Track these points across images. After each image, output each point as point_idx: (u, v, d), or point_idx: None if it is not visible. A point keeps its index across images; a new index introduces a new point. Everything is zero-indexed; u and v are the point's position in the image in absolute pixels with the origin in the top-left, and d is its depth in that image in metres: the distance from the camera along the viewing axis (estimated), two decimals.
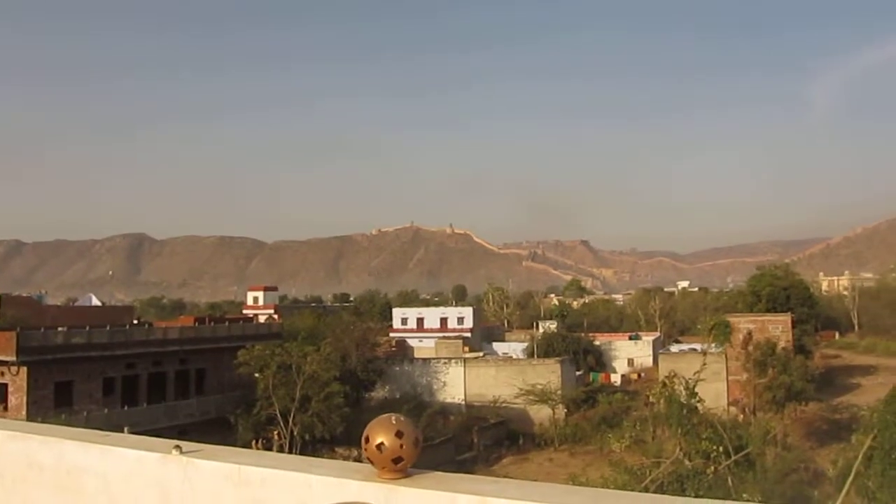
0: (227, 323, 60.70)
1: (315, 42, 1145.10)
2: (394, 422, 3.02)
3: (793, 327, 65.51)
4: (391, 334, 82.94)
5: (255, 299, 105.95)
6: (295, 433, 43.90)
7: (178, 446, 3.62)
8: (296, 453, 38.09)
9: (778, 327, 63.92)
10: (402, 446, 2.96)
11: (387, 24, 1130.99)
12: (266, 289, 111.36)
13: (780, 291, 78.53)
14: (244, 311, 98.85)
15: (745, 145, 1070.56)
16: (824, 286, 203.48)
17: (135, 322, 56.94)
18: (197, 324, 57.81)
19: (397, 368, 63.81)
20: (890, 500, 11.89)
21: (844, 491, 12.28)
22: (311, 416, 44.05)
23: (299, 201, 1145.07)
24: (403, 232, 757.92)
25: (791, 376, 53.68)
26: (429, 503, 2.88)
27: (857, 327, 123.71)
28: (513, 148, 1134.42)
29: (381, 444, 2.97)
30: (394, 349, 73.40)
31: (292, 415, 43.74)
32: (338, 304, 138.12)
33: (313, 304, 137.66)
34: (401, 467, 3.00)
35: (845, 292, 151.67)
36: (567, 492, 2.96)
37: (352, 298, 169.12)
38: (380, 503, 2.80)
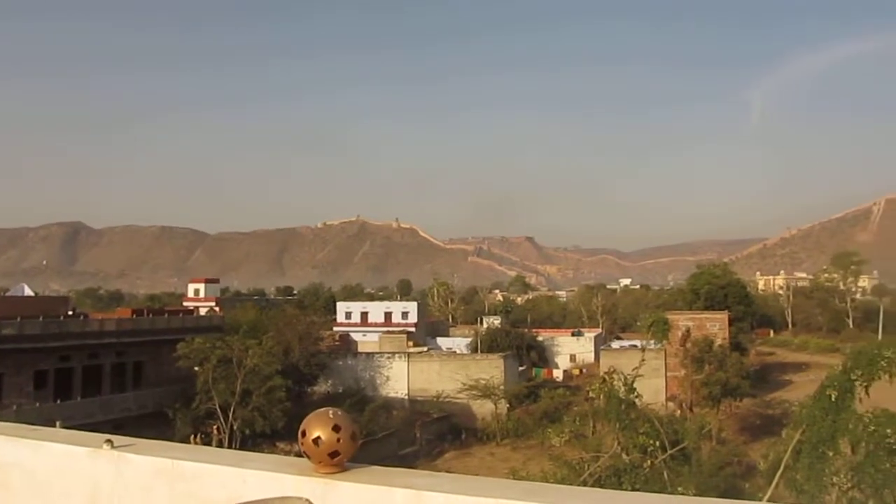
0: (166, 315, 59.50)
1: (264, 34, 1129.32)
2: (331, 416, 3.00)
3: (730, 325, 67.13)
4: (335, 328, 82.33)
5: (196, 291, 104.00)
6: (235, 428, 43.30)
7: (109, 440, 3.54)
8: (235, 448, 37.58)
9: (715, 325, 65.38)
10: (339, 440, 2.95)
11: (337, 18, 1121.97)
12: (207, 281, 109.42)
13: (718, 290, 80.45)
14: (185, 304, 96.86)
15: (690, 146, 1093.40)
16: (761, 285, 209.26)
17: (70, 313, 55.28)
18: (135, 316, 56.51)
19: (340, 363, 63.42)
20: (816, 491, 12.31)
21: (774, 483, 12.69)
22: (251, 411, 43.50)
23: (244, 192, 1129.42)
24: (349, 225, 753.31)
25: (727, 373, 55.08)
26: (365, 497, 2.87)
27: (790, 325, 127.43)
28: (461, 144, 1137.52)
29: (318, 438, 2.95)
30: (337, 343, 72.90)
31: (232, 409, 43.15)
32: (281, 298, 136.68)
33: (256, 297, 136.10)
34: (338, 461, 2.99)
35: (780, 291, 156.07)
36: (501, 486, 2.98)
37: (296, 292, 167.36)
38: (316, 498, 2.78)
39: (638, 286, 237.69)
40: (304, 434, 2.99)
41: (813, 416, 12.93)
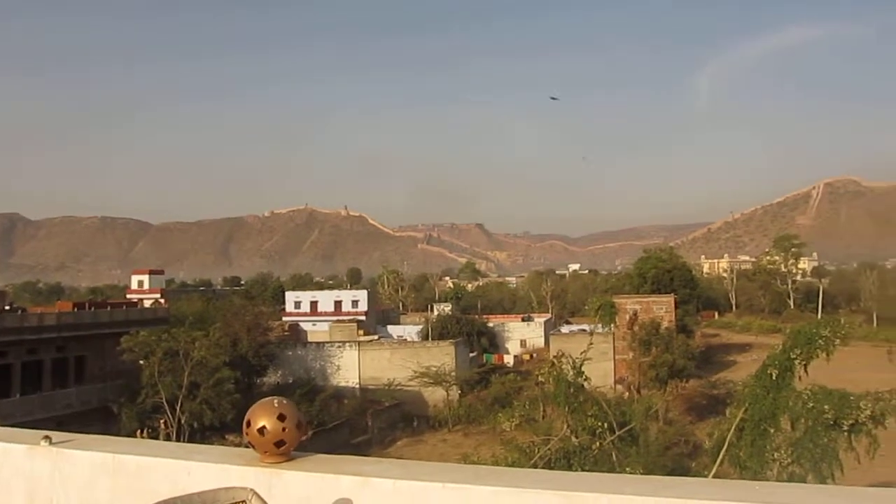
0: (109, 308, 58.04)
1: (212, 23, 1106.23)
2: (276, 405, 2.97)
3: (676, 308, 68.51)
4: (284, 318, 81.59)
5: (140, 283, 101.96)
6: (183, 421, 42.65)
7: (47, 437, 3.45)
8: (183, 441, 37.06)
9: (662, 308, 66.64)
10: (284, 429, 2.92)
11: (288, 8, 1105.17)
12: (152, 272, 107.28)
13: (664, 273, 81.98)
14: (128, 296, 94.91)
15: (636, 132, 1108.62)
16: (705, 268, 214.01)
17: (7, 308, 53.58)
18: (76, 309, 54.98)
19: (290, 353, 62.90)
20: (758, 467, 12.67)
21: (718, 461, 13.02)
22: (199, 404, 42.88)
23: (188, 180, 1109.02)
24: (297, 214, 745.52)
25: (673, 354, 56.26)
26: (312, 485, 2.85)
27: (734, 307, 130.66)
28: (410, 131, 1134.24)
29: (263, 427, 2.92)
30: (286, 333, 72.22)
31: (180, 402, 42.47)
32: (228, 288, 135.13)
33: (202, 288, 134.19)
34: (283, 451, 2.96)
35: (724, 274, 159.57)
36: (449, 470, 2.99)
37: (243, 282, 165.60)
38: (261, 487, 2.75)
39: (586, 271, 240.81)
40: (248, 424, 2.95)
41: (755, 394, 13.31)
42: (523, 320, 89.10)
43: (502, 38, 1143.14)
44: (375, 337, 72.41)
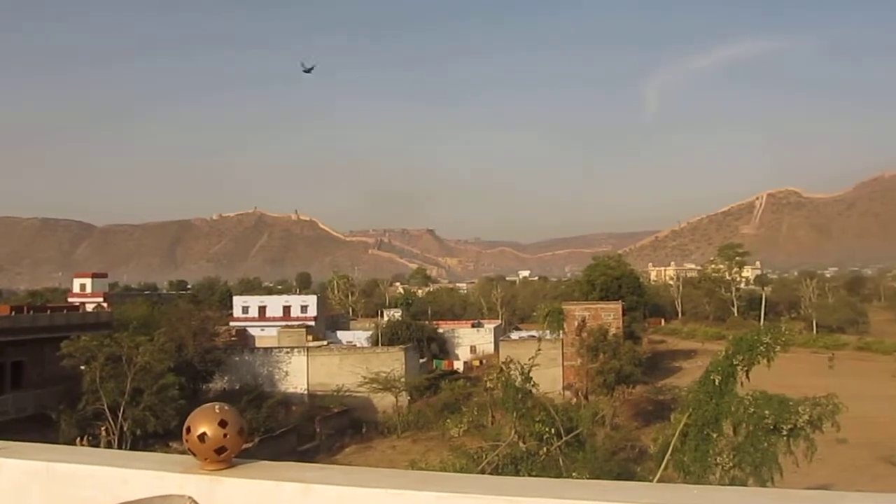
0: (49, 312, 56.46)
1: (154, 26, 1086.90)
2: (217, 411, 2.91)
3: (623, 314, 69.40)
4: (231, 323, 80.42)
5: (83, 286, 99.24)
6: (125, 428, 41.66)
7: None
8: (126, 449, 36.17)
9: (610, 314, 67.41)
10: (225, 436, 2.86)
11: (230, 11, 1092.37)
12: (94, 275, 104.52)
13: (612, 281, 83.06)
14: (69, 300, 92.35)
15: (586, 140, 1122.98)
16: (653, 276, 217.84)
17: None
18: (14, 313, 53.29)
19: (237, 358, 62.01)
20: (701, 472, 12.90)
21: (662, 466, 13.22)
22: (143, 410, 41.91)
23: (134, 182, 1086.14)
24: (246, 217, 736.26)
25: (621, 361, 57.02)
26: (253, 493, 2.80)
27: (680, 314, 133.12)
28: (360, 135, 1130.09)
29: (204, 434, 2.86)
30: (234, 339, 71.21)
31: (122, 409, 41.47)
32: (174, 292, 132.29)
33: (147, 292, 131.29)
34: (224, 457, 2.90)
35: (671, 282, 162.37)
36: (393, 476, 2.97)
37: (190, 286, 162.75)
38: (201, 495, 2.69)
39: (536, 278, 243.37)
40: (188, 430, 2.89)
41: (698, 400, 13.56)
42: (473, 326, 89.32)
43: (454, 42, 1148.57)
44: (325, 342, 71.83)
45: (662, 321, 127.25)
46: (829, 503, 2.52)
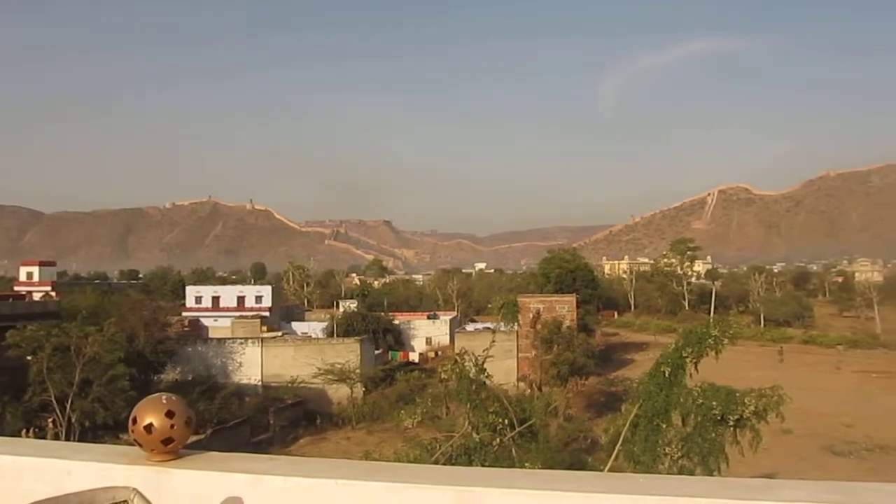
0: None
1: (111, 14, 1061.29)
2: (164, 401, 2.88)
3: (577, 307, 70.09)
4: (184, 313, 79.27)
5: (30, 275, 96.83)
6: (73, 420, 40.80)
7: None
8: (74, 441, 35.45)
9: (564, 307, 68.00)
10: (172, 426, 2.83)
11: (190, 2, 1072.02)
12: (42, 263, 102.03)
13: (567, 274, 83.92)
14: (16, 289, 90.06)
15: (542, 138, 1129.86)
16: (607, 269, 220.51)
17: None
18: None
19: (190, 349, 61.10)
20: (651, 461, 13.13)
21: (613, 456, 13.43)
22: (91, 402, 41.06)
23: (84, 168, 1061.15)
24: (200, 206, 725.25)
25: (574, 353, 57.64)
26: (200, 484, 2.78)
27: (633, 307, 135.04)
28: (319, 126, 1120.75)
29: (150, 424, 2.83)
30: (186, 329, 70.21)
31: (70, 400, 40.59)
32: (125, 282, 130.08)
33: (97, 281, 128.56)
34: (171, 448, 2.87)
35: (624, 275, 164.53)
36: (342, 466, 2.97)
37: (141, 275, 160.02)
38: (147, 486, 2.65)
39: (492, 270, 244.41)
40: (134, 421, 2.85)
41: (649, 391, 13.78)
42: (429, 318, 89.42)
43: (409, 35, 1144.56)
44: (279, 333, 71.24)
45: (616, 314, 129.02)
46: (769, 491, 2.58)
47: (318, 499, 2.65)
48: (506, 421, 14.42)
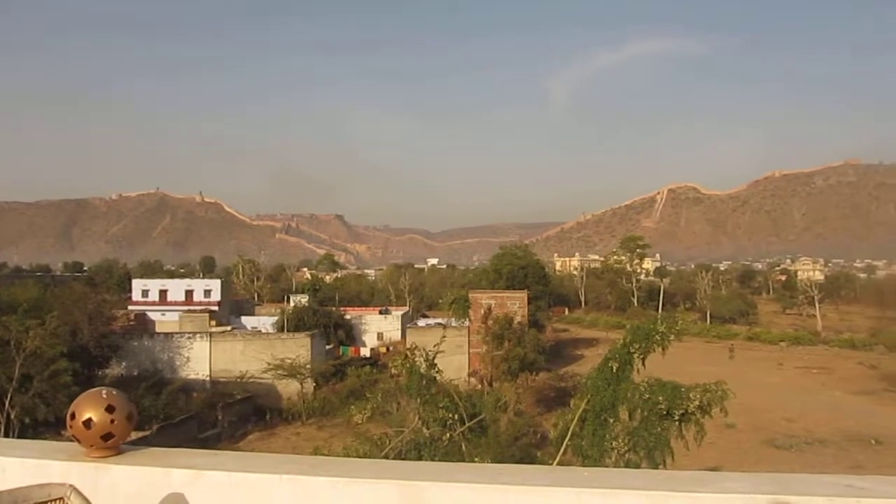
0: None
1: (56, 6, 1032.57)
2: (104, 396, 2.82)
3: (528, 303, 70.66)
4: (130, 307, 77.69)
5: None
6: (12, 416, 39.66)
7: None
8: (13, 438, 34.47)
9: (515, 303, 68.48)
10: (113, 421, 2.78)
11: None
12: None
13: (519, 270, 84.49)
14: None
15: (495, 135, 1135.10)
16: (558, 266, 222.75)
17: None
18: None
19: (136, 344, 59.93)
20: (598, 456, 13.32)
21: (561, 450, 13.59)
22: (32, 397, 39.92)
23: (25, 157, 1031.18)
24: (148, 198, 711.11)
25: (525, 348, 58.13)
26: (141, 480, 2.73)
27: (583, 304, 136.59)
28: (271, 118, 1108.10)
29: (90, 420, 2.78)
30: (133, 323, 68.83)
31: (9, 396, 39.44)
32: (69, 274, 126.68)
33: (39, 274, 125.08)
34: (112, 444, 2.82)
35: (575, 272, 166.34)
36: (286, 461, 2.95)
37: (86, 268, 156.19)
38: (85, 483, 2.60)
39: (445, 266, 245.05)
40: (73, 416, 2.80)
41: (597, 386, 13.96)
42: (381, 313, 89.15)
43: (365, 30, 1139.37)
44: (228, 328, 70.29)
45: (566, 310, 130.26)
46: (708, 483, 2.65)
47: (261, 494, 2.63)
48: (456, 416, 14.47)
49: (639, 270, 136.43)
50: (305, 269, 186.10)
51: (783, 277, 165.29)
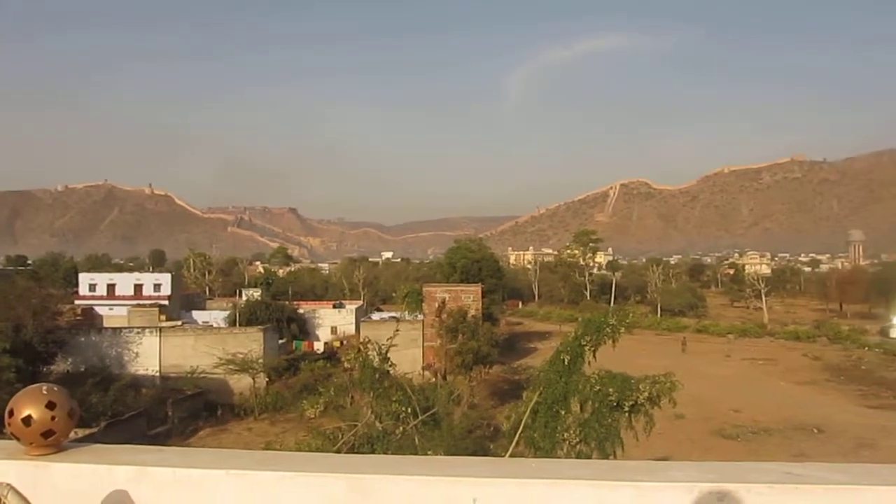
0: None
1: None
2: (44, 392, 2.76)
3: (483, 297, 70.92)
4: (77, 302, 75.92)
5: None
6: None
7: None
8: None
9: (470, 296, 68.67)
10: (53, 418, 2.72)
11: None
12: None
13: (473, 264, 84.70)
14: None
15: (451, 129, 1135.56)
16: (512, 259, 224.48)
17: None
18: None
19: (83, 339, 58.57)
20: (550, 447, 13.45)
21: (514, 442, 13.68)
22: None
23: None
24: (95, 190, 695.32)
25: (479, 342, 58.34)
26: (83, 478, 2.68)
27: (537, 297, 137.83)
28: (222, 110, 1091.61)
29: (29, 417, 2.71)
30: (79, 318, 67.24)
31: None
32: (12, 268, 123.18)
33: None
34: (52, 441, 2.76)
35: (529, 266, 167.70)
36: (232, 456, 2.92)
37: (30, 262, 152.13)
38: (25, 482, 2.54)
39: (399, 259, 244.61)
40: (11, 413, 2.73)
41: (549, 379, 14.09)
42: (335, 307, 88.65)
43: (317, 23, 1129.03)
44: (179, 323, 69.22)
45: (520, 304, 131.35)
46: (653, 473, 2.70)
47: (206, 490, 2.60)
48: (409, 409, 14.48)
49: (591, 264, 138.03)
50: (258, 263, 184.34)
51: (731, 271, 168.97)
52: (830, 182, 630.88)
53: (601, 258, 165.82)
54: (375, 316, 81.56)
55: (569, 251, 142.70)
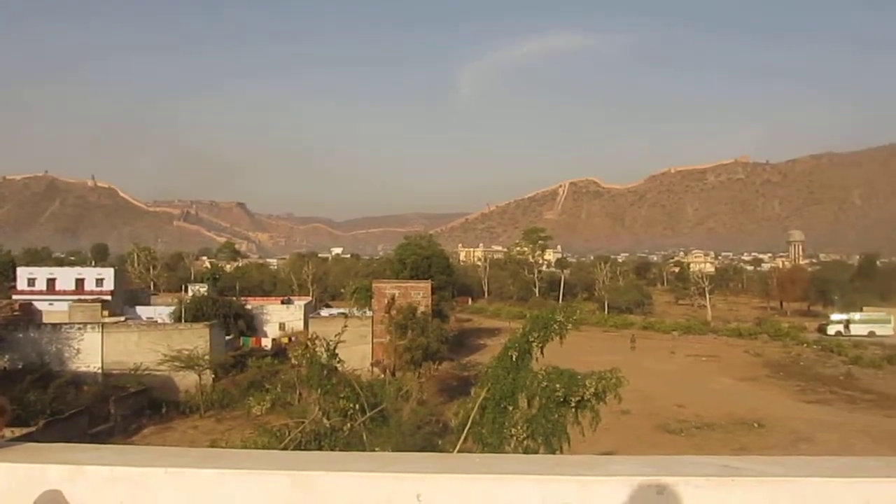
0: None
1: None
2: None
3: (432, 293, 70.91)
4: (14, 297, 73.80)
5: None
6: None
7: None
8: None
9: (419, 293, 68.58)
10: None
11: None
12: None
13: (423, 260, 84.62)
14: None
15: (402, 125, 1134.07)
16: (462, 256, 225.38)
17: None
18: None
19: (20, 335, 56.95)
20: (498, 443, 13.54)
21: (462, 438, 13.72)
22: None
23: None
24: (34, 181, 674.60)
25: (428, 338, 58.36)
26: (14, 478, 2.59)
27: (487, 294, 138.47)
28: (168, 100, 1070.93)
29: None
30: (17, 313, 65.38)
31: None
32: None
33: None
34: None
35: (479, 262, 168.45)
36: (172, 454, 2.87)
37: None
38: None
39: (349, 255, 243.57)
40: None
41: (497, 375, 14.16)
42: (283, 303, 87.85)
43: (270, 18, 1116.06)
44: (122, 318, 67.76)
45: (470, 300, 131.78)
46: (596, 467, 2.73)
47: (144, 489, 2.54)
48: (357, 406, 14.41)
49: (541, 262, 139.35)
50: (205, 258, 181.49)
51: (677, 269, 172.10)
52: (772, 183, 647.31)
53: (550, 256, 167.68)
54: (324, 312, 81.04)
55: (518, 248, 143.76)
